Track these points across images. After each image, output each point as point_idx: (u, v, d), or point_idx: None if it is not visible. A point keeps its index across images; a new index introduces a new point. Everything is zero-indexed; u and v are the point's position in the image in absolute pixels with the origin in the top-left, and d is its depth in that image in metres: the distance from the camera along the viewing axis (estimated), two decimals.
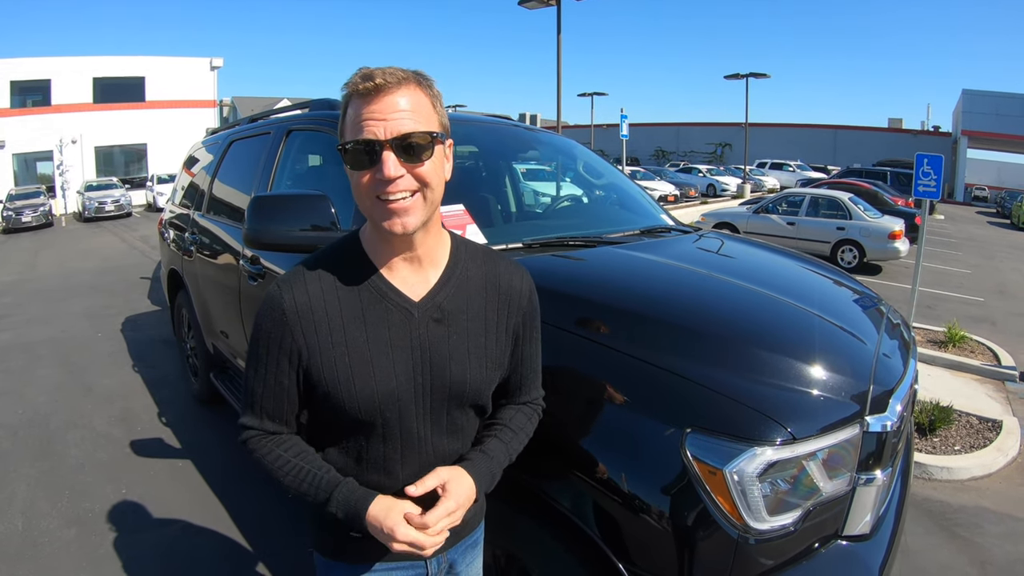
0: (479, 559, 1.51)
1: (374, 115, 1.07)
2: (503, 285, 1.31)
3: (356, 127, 1.09)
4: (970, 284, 11.93)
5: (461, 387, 1.24)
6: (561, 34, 16.67)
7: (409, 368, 1.19)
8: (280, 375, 1.19)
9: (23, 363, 6.45)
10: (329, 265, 1.20)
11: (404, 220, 1.11)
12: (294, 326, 1.16)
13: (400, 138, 1.07)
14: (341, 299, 1.18)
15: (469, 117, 3.76)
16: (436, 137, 1.13)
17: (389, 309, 1.19)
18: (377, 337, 1.18)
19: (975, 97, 40.90)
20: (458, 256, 1.28)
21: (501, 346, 1.30)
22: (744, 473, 1.41)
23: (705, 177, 32.82)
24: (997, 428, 4.80)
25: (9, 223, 22.94)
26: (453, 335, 1.23)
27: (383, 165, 1.07)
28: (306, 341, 1.16)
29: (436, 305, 1.22)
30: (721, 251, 2.75)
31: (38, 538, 3.31)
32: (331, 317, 1.17)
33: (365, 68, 1.11)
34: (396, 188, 1.09)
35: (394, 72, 1.10)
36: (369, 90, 1.08)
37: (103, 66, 32.43)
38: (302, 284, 1.18)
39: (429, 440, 1.25)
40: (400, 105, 1.08)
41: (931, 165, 6.45)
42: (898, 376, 1.88)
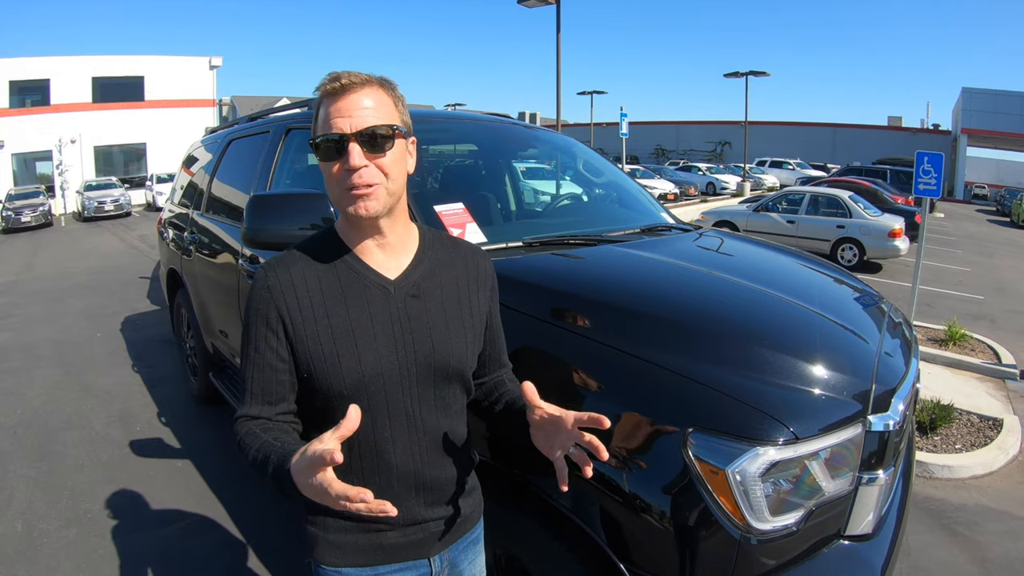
0: (481, 556, 1.51)
1: (341, 112, 1.18)
2: (470, 264, 1.40)
3: (326, 123, 1.19)
4: (970, 282, 11.93)
5: (445, 360, 1.29)
6: (560, 32, 16.66)
7: (391, 343, 1.25)
8: (268, 352, 1.23)
9: (22, 363, 6.44)
10: (310, 251, 1.28)
11: (367, 204, 1.19)
12: (279, 300, 1.22)
13: (364, 131, 1.17)
14: (322, 279, 1.25)
15: (468, 116, 3.75)
16: (397, 131, 1.22)
17: (367, 287, 1.26)
18: (358, 313, 1.24)
19: (975, 95, 40.90)
20: (426, 243, 1.37)
21: (476, 320, 1.38)
22: (746, 473, 1.40)
23: (705, 175, 32.83)
24: (998, 426, 4.79)
25: (8, 223, 22.93)
26: (430, 309, 1.30)
27: (349, 156, 1.16)
28: (291, 316, 1.22)
29: (412, 282, 1.30)
30: (722, 249, 2.74)
31: (37, 539, 3.30)
32: (312, 294, 1.23)
33: (334, 72, 1.22)
34: (361, 178, 1.17)
35: (359, 75, 1.22)
36: (336, 90, 1.19)
37: (102, 65, 32.41)
38: (285, 265, 1.25)
39: (419, 417, 1.28)
40: (364, 103, 1.19)
41: (931, 163, 6.45)
42: (900, 375, 1.88)
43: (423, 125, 3.12)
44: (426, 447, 1.30)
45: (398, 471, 1.27)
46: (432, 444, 1.31)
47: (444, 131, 3.32)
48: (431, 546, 1.35)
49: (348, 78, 1.20)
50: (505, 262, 2.11)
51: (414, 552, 1.33)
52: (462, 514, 1.39)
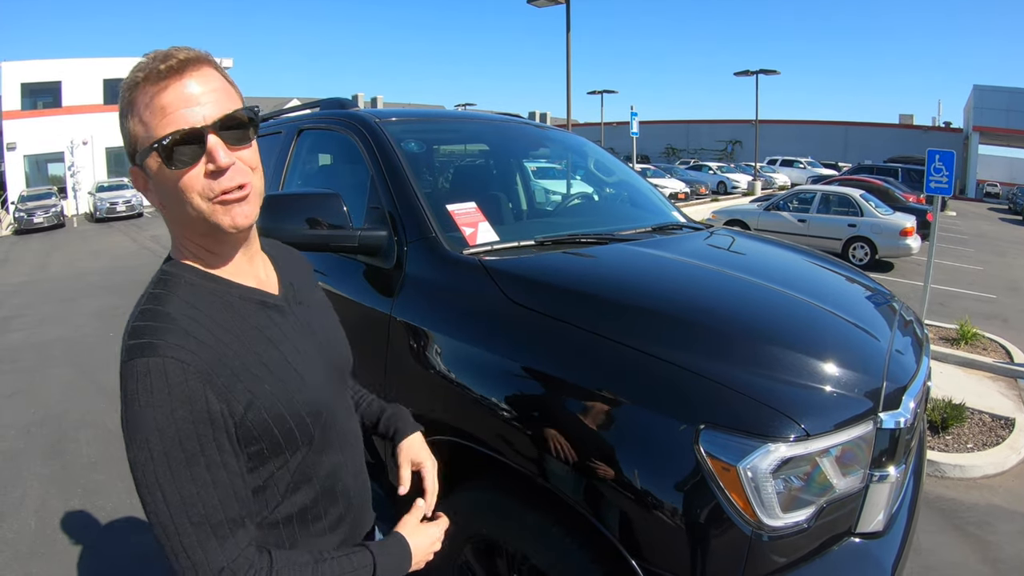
0: None
1: (185, 100, 0.91)
2: (300, 259, 1.30)
3: (164, 118, 0.91)
4: (982, 281, 11.85)
5: (347, 358, 1.24)
6: (570, 32, 16.68)
7: (317, 358, 1.10)
8: (223, 453, 0.91)
9: (35, 362, 6.51)
10: (186, 303, 0.97)
11: (245, 210, 0.96)
12: (209, 379, 0.90)
13: (223, 120, 0.94)
14: (232, 328, 0.98)
15: (479, 115, 3.76)
16: (255, 115, 1.00)
17: (266, 311, 1.05)
18: (282, 344, 1.04)
19: (986, 93, 40.58)
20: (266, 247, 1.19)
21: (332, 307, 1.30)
22: (758, 470, 1.40)
23: (716, 174, 32.80)
24: (1010, 426, 4.78)
25: (21, 224, 23.14)
26: (317, 313, 1.20)
27: (213, 154, 0.91)
28: (235, 397, 0.93)
29: (292, 290, 1.15)
30: (733, 248, 2.74)
31: (51, 536, 3.34)
32: (238, 352, 0.96)
33: (156, 51, 0.95)
34: (232, 180, 0.94)
35: (189, 49, 0.95)
36: (172, 69, 0.91)
37: (113, 67, 32.61)
38: (182, 335, 0.91)
39: (351, 427, 1.22)
40: (209, 84, 0.95)
41: (943, 161, 6.41)
42: (911, 373, 1.87)
43: (434, 125, 3.15)
44: (358, 458, 1.23)
45: (353, 491, 1.18)
46: (359, 454, 1.25)
47: (455, 131, 3.33)
48: None
49: (184, 53, 0.93)
50: (517, 261, 2.12)
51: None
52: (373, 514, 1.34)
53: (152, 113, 0.91)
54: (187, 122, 0.90)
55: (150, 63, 0.91)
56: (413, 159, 2.55)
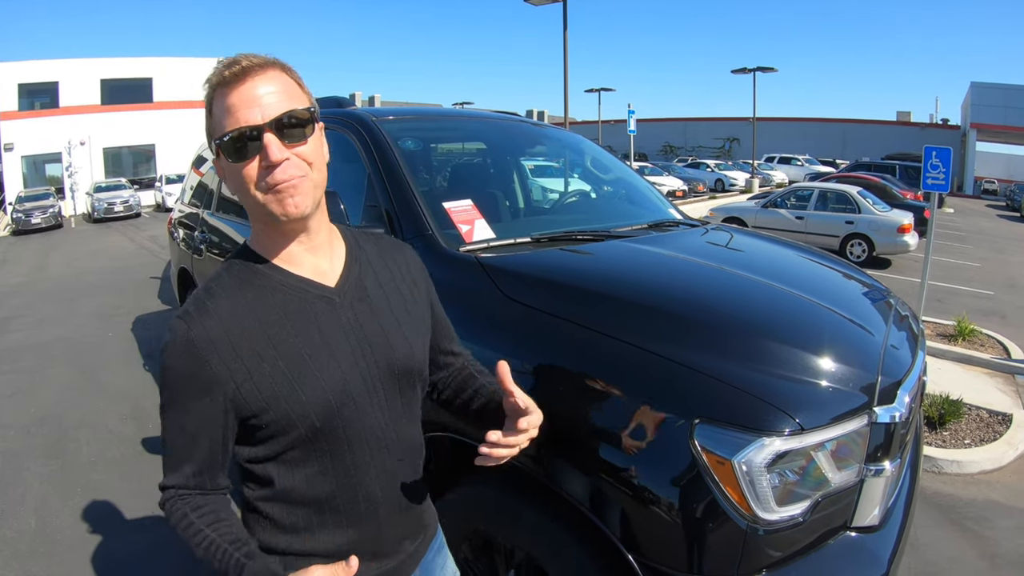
0: (450, 558, 1.46)
1: (247, 101, 1.02)
2: (398, 257, 1.31)
3: (229, 117, 1.03)
4: (980, 277, 11.86)
5: (407, 361, 1.20)
6: (567, 30, 16.67)
7: (350, 355, 1.12)
8: (203, 419, 1.05)
9: (35, 363, 6.50)
10: (230, 283, 1.10)
11: (296, 201, 1.05)
12: (209, 355, 1.03)
13: (280, 119, 1.03)
14: (255, 309, 1.08)
15: (476, 113, 3.77)
16: (314, 114, 1.09)
17: (310, 302, 1.12)
18: (308, 335, 1.09)
19: (984, 90, 40.59)
20: (351, 240, 1.25)
21: (422, 312, 1.29)
22: (753, 463, 1.41)
23: (713, 172, 32.78)
24: (1007, 421, 4.78)
25: (19, 225, 23.09)
26: (380, 311, 1.19)
27: (268, 150, 1.02)
28: (229, 367, 1.04)
29: (353, 285, 1.18)
30: (729, 244, 2.75)
31: (51, 535, 3.34)
32: (248, 330, 1.06)
33: (228, 57, 1.06)
34: (285, 172, 1.03)
35: (257, 56, 1.07)
36: (236, 75, 1.03)
37: (110, 67, 32.60)
38: (204, 309, 1.06)
39: (393, 430, 1.19)
40: (271, 88, 1.05)
41: (940, 158, 6.42)
42: (906, 367, 1.88)
43: (431, 123, 3.15)
44: (400, 462, 1.21)
45: (380, 494, 1.18)
46: (405, 457, 1.23)
47: (452, 129, 3.34)
48: (408, 568, 1.28)
49: (248, 60, 1.04)
50: (512, 257, 2.13)
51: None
52: (427, 526, 1.34)
53: (221, 112, 1.04)
54: (247, 120, 1.01)
55: (221, 69, 1.04)
56: (410, 157, 2.56)
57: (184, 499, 1.08)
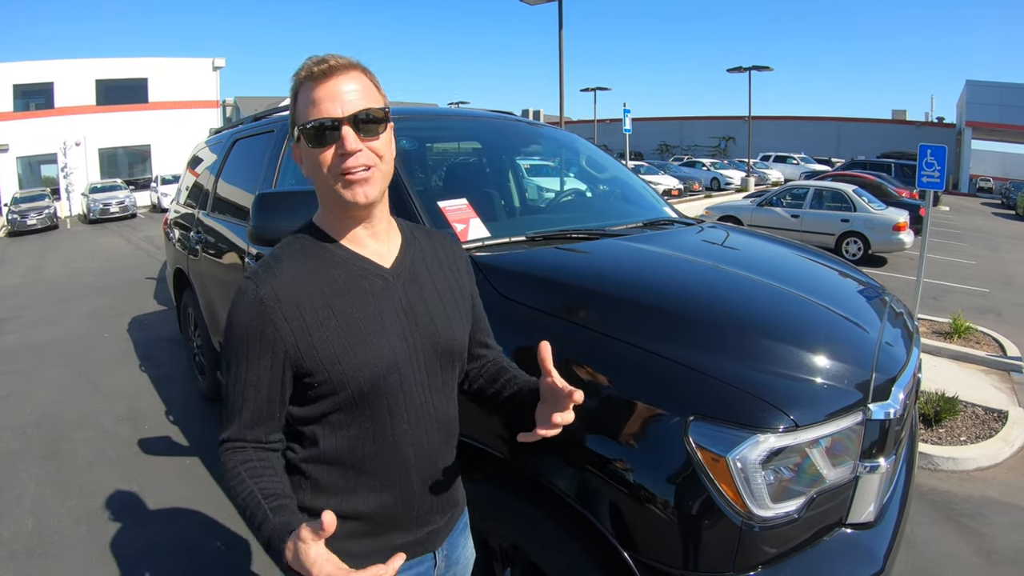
0: (470, 540, 1.54)
1: (331, 95, 1.15)
2: (448, 249, 1.42)
3: (314, 107, 1.15)
4: (975, 275, 11.89)
5: (448, 342, 1.30)
6: (563, 29, 16.67)
7: (399, 331, 1.22)
8: (262, 373, 1.15)
9: (31, 364, 6.49)
10: (297, 253, 1.21)
11: (365, 190, 1.16)
12: (274, 314, 1.13)
13: (357, 114, 1.15)
14: (318, 278, 1.19)
15: (471, 113, 3.78)
16: (387, 114, 1.20)
17: (367, 278, 1.23)
18: (363, 306, 1.20)
19: (979, 88, 40.66)
20: (407, 231, 1.36)
21: (465, 301, 1.39)
22: (747, 460, 1.42)
23: (709, 171, 32.80)
24: (1003, 418, 4.80)
25: (14, 226, 23.00)
26: (428, 294, 1.29)
27: (344, 140, 1.13)
28: (291, 326, 1.14)
29: (407, 268, 1.29)
30: (723, 242, 2.76)
31: (48, 536, 3.34)
32: (312, 296, 1.17)
33: (315, 55, 1.19)
34: (357, 161, 1.14)
35: (343, 57, 1.19)
36: (323, 72, 1.16)
37: (105, 68, 32.50)
38: (274, 273, 1.17)
39: (432, 404, 1.28)
40: (353, 86, 1.17)
41: (934, 156, 6.42)
42: (901, 364, 1.89)
43: (427, 123, 3.15)
44: (436, 435, 1.30)
45: (414, 462, 1.26)
46: (441, 431, 1.31)
47: (447, 129, 3.34)
48: (436, 539, 1.36)
49: (335, 60, 1.17)
50: (507, 256, 2.13)
51: (422, 548, 1.33)
52: (458, 503, 1.43)
53: (306, 103, 1.16)
54: (328, 113, 1.13)
55: (311, 65, 1.16)
56: (405, 157, 2.56)
57: (237, 452, 1.18)
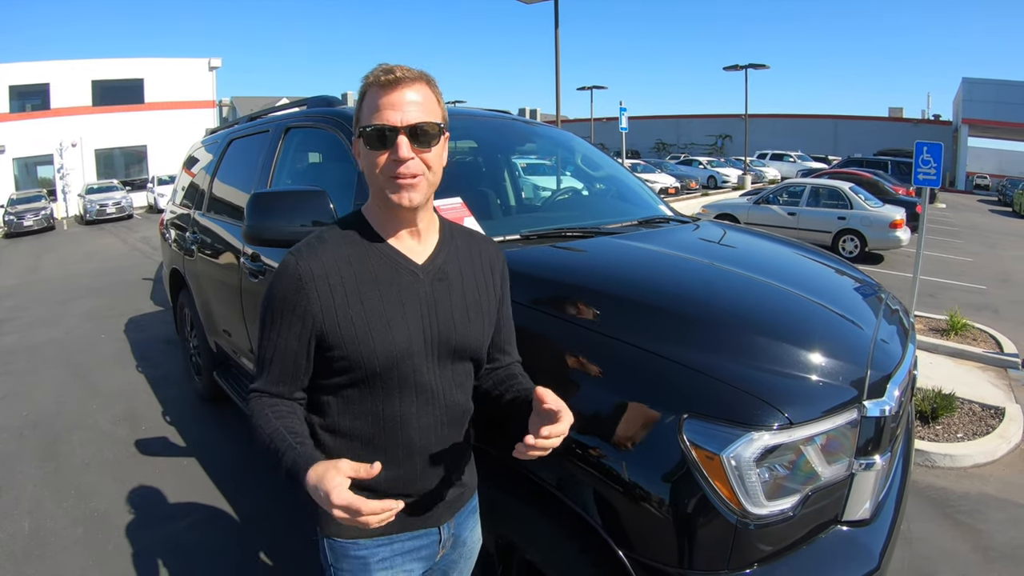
0: (478, 524, 1.60)
1: (393, 105, 1.23)
2: (483, 253, 1.48)
3: (376, 113, 1.24)
4: (972, 272, 11.91)
5: (465, 339, 1.37)
6: (559, 28, 16.65)
7: (419, 323, 1.31)
8: (291, 339, 1.28)
9: (27, 365, 6.48)
10: (339, 237, 1.32)
11: (411, 195, 1.26)
12: (310, 290, 1.25)
13: (414, 126, 1.23)
14: (354, 264, 1.29)
15: (468, 112, 3.77)
16: (442, 128, 1.29)
17: (398, 271, 1.32)
18: (389, 296, 1.29)
19: (975, 85, 40.73)
20: (447, 232, 1.44)
21: (491, 304, 1.45)
22: (741, 458, 1.42)
23: (706, 169, 32.79)
24: (1000, 415, 4.80)
25: (11, 227, 22.97)
26: (454, 293, 1.37)
27: (398, 148, 1.22)
28: (322, 303, 1.25)
29: (437, 267, 1.37)
30: (718, 240, 2.76)
31: (45, 538, 3.33)
32: (345, 280, 1.27)
33: (385, 64, 1.27)
34: (407, 169, 1.23)
35: (410, 69, 1.27)
36: (390, 82, 1.24)
37: (101, 69, 32.42)
38: (316, 253, 1.29)
39: (441, 393, 1.35)
40: (414, 98, 1.25)
41: (930, 153, 6.43)
42: (896, 361, 1.89)
43: None
44: (443, 421, 1.37)
45: (418, 444, 1.34)
46: (448, 418, 1.38)
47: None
48: (441, 515, 1.44)
49: (402, 71, 1.25)
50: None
51: (427, 521, 1.42)
52: (466, 484, 1.50)
53: (371, 107, 1.25)
54: (389, 120, 1.23)
55: (380, 74, 1.25)
56: None
57: (264, 398, 1.31)
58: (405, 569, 1.42)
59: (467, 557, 1.58)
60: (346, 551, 1.39)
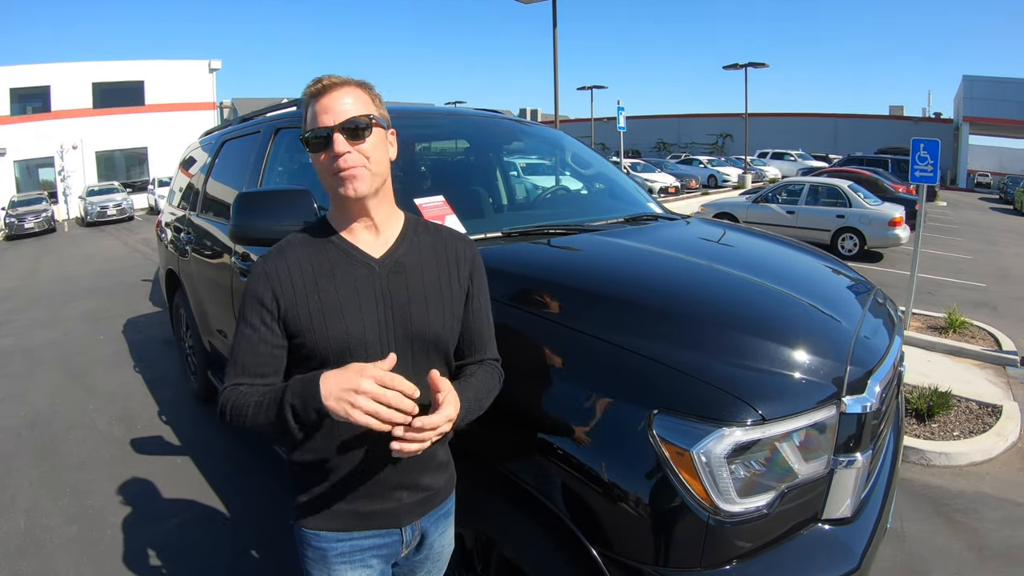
0: (451, 529, 1.60)
1: (325, 109, 1.34)
2: (449, 247, 1.52)
3: (312, 120, 1.36)
4: (971, 270, 11.89)
5: (422, 330, 1.41)
6: (557, 28, 16.64)
7: (374, 313, 1.37)
8: (263, 330, 1.36)
9: (25, 367, 6.50)
10: (302, 239, 1.43)
11: (355, 185, 1.34)
12: (274, 284, 1.35)
13: (345, 122, 1.33)
14: (313, 261, 1.39)
15: (457, 111, 3.78)
16: (373, 120, 1.37)
17: (354, 264, 1.39)
18: (345, 287, 1.37)
19: (976, 83, 40.63)
20: (409, 227, 1.50)
21: (455, 297, 1.47)
22: (712, 454, 1.41)
23: (706, 168, 32.76)
24: (997, 413, 4.78)
25: (12, 229, 23.00)
26: (411, 285, 1.42)
27: (334, 144, 1.32)
28: (284, 296, 1.35)
29: (394, 260, 1.43)
30: (703, 237, 2.75)
31: (40, 535, 3.35)
32: (304, 274, 1.37)
33: (317, 76, 1.40)
34: (346, 163, 1.32)
35: (339, 77, 1.39)
36: (319, 90, 1.36)
37: (102, 71, 32.43)
38: (281, 253, 1.40)
39: None
40: (344, 100, 1.36)
41: (927, 150, 6.42)
42: (878, 357, 1.87)
43: (409, 121, 3.14)
44: None
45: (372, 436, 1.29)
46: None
47: (432, 127, 3.34)
48: (403, 517, 1.45)
49: (329, 80, 1.37)
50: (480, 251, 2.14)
51: (387, 521, 1.44)
52: (433, 488, 1.50)
53: (310, 116, 1.37)
54: (323, 123, 1.33)
55: (311, 85, 1.38)
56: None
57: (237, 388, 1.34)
58: (365, 564, 1.46)
59: (435, 560, 1.59)
60: (308, 540, 1.45)
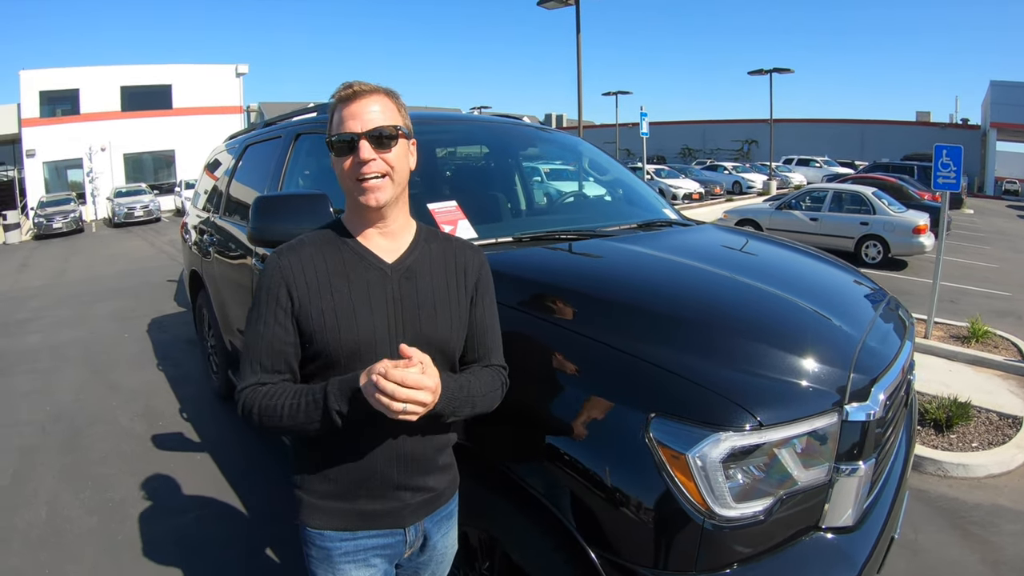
0: (454, 530, 1.63)
1: (353, 115, 1.36)
2: (458, 256, 1.54)
3: (340, 125, 1.37)
4: (997, 278, 11.67)
5: (429, 336, 1.42)
6: (580, 34, 16.62)
7: (385, 317, 1.40)
8: (277, 327, 1.37)
9: (51, 364, 6.63)
10: (318, 238, 1.45)
11: (376, 195, 1.36)
12: (288, 280, 1.37)
13: (372, 130, 1.35)
14: (327, 260, 1.41)
15: (476, 118, 3.82)
16: (400, 131, 1.40)
17: (368, 268, 1.42)
18: (358, 290, 1.39)
19: (1004, 88, 39.84)
20: (421, 236, 1.53)
21: (462, 304, 1.50)
22: (708, 458, 1.41)
23: (731, 174, 32.57)
24: (1017, 424, 4.69)
25: (41, 229, 23.44)
26: (421, 291, 1.45)
27: (360, 151, 1.34)
28: (297, 292, 1.37)
29: (406, 266, 1.45)
30: (713, 243, 2.75)
31: (61, 526, 3.44)
32: (319, 273, 1.39)
33: (347, 81, 1.41)
34: (370, 169, 1.35)
35: (368, 84, 1.41)
36: (349, 96, 1.38)
37: (130, 75, 32.94)
38: (295, 250, 1.41)
39: None
40: (372, 108, 1.37)
41: (950, 156, 6.33)
42: (884, 365, 1.85)
43: (430, 127, 3.18)
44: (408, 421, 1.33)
45: (380, 438, 1.39)
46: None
47: (451, 133, 3.38)
48: (406, 517, 1.47)
49: (359, 86, 1.39)
50: (488, 256, 2.17)
51: (390, 521, 1.46)
52: (436, 489, 1.52)
53: (336, 120, 1.39)
54: (351, 128, 1.35)
55: (341, 91, 1.40)
56: None
57: (257, 389, 1.36)
58: (369, 564, 1.48)
59: (438, 561, 1.62)
60: (313, 539, 1.47)
